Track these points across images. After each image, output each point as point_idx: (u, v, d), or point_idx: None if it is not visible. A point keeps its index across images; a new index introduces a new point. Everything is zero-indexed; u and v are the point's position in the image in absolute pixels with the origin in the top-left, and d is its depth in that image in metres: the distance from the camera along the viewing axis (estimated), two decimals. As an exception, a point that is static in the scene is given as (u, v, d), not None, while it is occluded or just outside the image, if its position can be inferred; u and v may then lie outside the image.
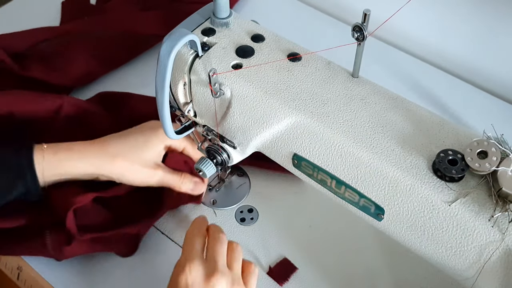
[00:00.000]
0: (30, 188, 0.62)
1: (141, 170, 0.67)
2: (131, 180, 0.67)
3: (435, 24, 0.89)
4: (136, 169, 0.66)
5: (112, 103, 0.80)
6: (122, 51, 0.88)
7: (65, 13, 0.97)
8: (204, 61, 0.58)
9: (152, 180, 0.68)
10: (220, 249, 0.60)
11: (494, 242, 0.46)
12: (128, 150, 0.66)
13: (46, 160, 0.63)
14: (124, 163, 0.66)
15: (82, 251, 0.65)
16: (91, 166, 0.65)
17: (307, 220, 0.72)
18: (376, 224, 0.54)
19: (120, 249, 0.68)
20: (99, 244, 0.66)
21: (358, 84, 0.56)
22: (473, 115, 0.84)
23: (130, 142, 0.67)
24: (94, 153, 0.65)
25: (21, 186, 0.62)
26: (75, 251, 0.65)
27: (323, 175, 0.55)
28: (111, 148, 0.66)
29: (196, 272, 0.57)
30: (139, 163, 0.66)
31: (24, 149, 0.63)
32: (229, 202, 0.73)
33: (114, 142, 0.67)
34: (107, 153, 0.66)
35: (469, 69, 0.90)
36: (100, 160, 0.65)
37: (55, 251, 0.64)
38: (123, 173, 0.66)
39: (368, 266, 0.67)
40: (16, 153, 0.62)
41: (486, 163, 0.47)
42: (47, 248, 0.64)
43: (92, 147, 0.66)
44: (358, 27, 0.51)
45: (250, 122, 0.57)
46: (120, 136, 0.68)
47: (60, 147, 0.65)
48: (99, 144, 0.67)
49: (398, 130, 0.52)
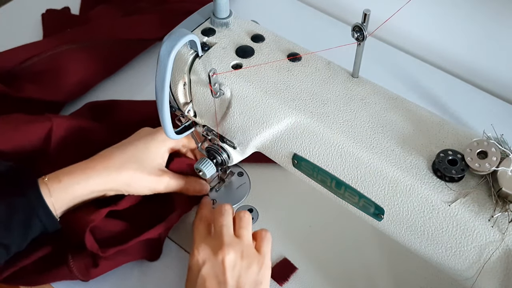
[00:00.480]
0: (46, 223, 0.61)
1: (147, 178, 0.66)
2: (139, 190, 0.67)
3: (435, 24, 0.89)
4: (142, 178, 0.65)
5: (101, 112, 0.80)
6: (112, 59, 0.88)
7: (47, 25, 0.95)
8: (204, 61, 0.58)
9: (159, 187, 0.67)
10: (224, 221, 0.60)
11: (494, 242, 0.46)
12: (131, 160, 0.65)
13: (52, 191, 0.62)
14: (130, 173, 0.65)
15: (108, 268, 0.65)
16: (97, 184, 0.64)
17: (307, 220, 0.72)
18: (376, 224, 0.54)
19: (146, 256, 0.67)
20: (123, 257, 0.66)
21: (358, 84, 0.56)
22: (473, 115, 0.84)
23: (131, 152, 0.66)
24: (97, 170, 0.64)
25: (38, 225, 0.61)
26: (101, 270, 0.64)
27: (323, 175, 0.55)
28: (113, 162, 0.65)
29: (203, 250, 0.58)
30: (144, 172, 0.65)
31: (29, 188, 0.62)
32: (229, 202, 0.73)
33: (115, 155, 0.66)
34: (111, 167, 0.64)
35: (469, 69, 0.89)
36: (105, 177, 0.64)
37: (82, 274, 0.63)
38: (130, 184, 0.65)
39: (368, 266, 0.67)
40: (23, 194, 0.61)
41: (486, 163, 0.47)
42: (73, 273, 0.63)
43: (94, 164, 0.65)
44: (358, 27, 0.51)
45: (250, 122, 0.57)
46: (119, 148, 0.67)
47: (62, 173, 0.64)
48: (100, 160, 0.65)
49: (398, 130, 0.52)
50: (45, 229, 0.62)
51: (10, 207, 0.60)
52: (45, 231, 0.62)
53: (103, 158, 0.66)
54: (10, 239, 0.60)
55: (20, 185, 0.63)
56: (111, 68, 0.88)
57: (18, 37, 0.92)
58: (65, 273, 0.64)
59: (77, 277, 0.64)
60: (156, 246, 0.68)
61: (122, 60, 0.89)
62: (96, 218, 0.64)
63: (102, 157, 0.66)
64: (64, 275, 0.64)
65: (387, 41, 0.95)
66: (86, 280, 0.64)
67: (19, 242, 0.61)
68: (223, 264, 0.57)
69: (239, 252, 0.58)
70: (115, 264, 0.65)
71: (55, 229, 0.63)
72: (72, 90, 0.83)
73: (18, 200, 0.60)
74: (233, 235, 0.59)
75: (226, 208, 0.62)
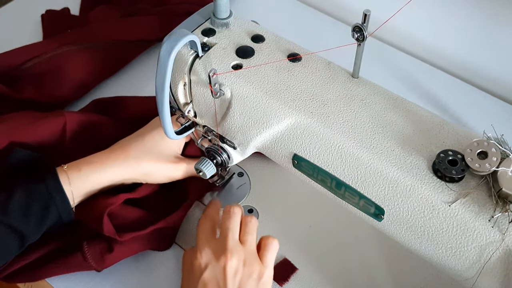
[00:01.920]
0: (62, 212, 0.62)
1: (166, 167, 0.67)
2: (157, 178, 0.68)
3: (435, 25, 0.89)
4: (161, 167, 0.67)
5: (108, 108, 0.80)
6: (113, 60, 0.88)
7: (47, 26, 0.96)
8: (204, 61, 0.58)
9: (177, 174, 0.68)
10: (231, 224, 0.59)
11: (494, 243, 0.46)
12: (150, 150, 0.66)
13: (72, 180, 0.62)
14: (149, 164, 0.66)
15: (123, 255, 0.65)
16: (116, 174, 0.65)
17: (307, 220, 0.72)
18: (376, 224, 0.54)
19: (160, 245, 0.68)
20: (138, 244, 0.66)
21: (358, 84, 0.56)
22: (473, 116, 0.84)
23: (148, 143, 0.67)
24: (116, 160, 0.65)
25: (54, 212, 0.61)
26: (116, 257, 0.65)
27: (323, 176, 0.55)
28: (133, 152, 0.66)
29: (206, 254, 0.58)
30: (162, 160, 0.66)
31: (48, 175, 0.62)
32: (229, 202, 0.73)
33: (134, 146, 0.66)
34: (130, 157, 0.65)
35: (469, 69, 0.89)
36: (125, 166, 0.65)
37: (96, 261, 0.64)
38: (149, 173, 0.66)
39: (368, 266, 0.67)
40: (42, 181, 0.62)
41: (486, 163, 0.47)
42: (88, 261, 0.63)
43: (113, 155, 0.66)
44: (358, 27, 0.51)
45: (250, 123, 0.57)
46: (137, 138, 0.68)
47: (81, 163, 0.64)
48: (119, 151, 0.66)
49: (398, 130, 0.52)
50: (60, 218, 0.62)
51: (29, 193, 0.60)
52: (60, 221, 0.62)
53: (122, 149, 0.66)
54: (27, 227, 0.60)
55: (40, 172, 0.63)
56: (112, 69, 0.88)
57: (17, 38, 0.92)
58: (77, 263, 0.64)
59: (91, 265, 0.63)
60: (170, 235, 0.69)
61: (123, 61, 0.90)
62: (115, 202, 0.65)
63: (121, 148, 0.67)
64: (76, 266, 0.64)
65: (387, 42, 0.95)
66: (100, 269, 0.64)
67: (35, 231, 0.61)
68: (225, 270, 0.56)
69: (241, 259, 0.57)
70: (129, 252, 0.66)
71: (70, 220, 0.63)
72: (72, 91, 0.83)
73: (37, 186, 0.61)
74: (238, 241, 0.59)
75: (235, 211, 0.61)
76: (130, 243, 0.65)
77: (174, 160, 0.68)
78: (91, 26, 0.91)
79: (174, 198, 0.71)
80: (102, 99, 0.82)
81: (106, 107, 0.80)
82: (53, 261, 0.64)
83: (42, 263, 0.64)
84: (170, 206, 0.69)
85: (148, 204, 0.69)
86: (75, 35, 0.88)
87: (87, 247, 0.64)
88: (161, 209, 0.69)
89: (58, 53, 0.84)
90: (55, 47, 0.84)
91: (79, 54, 0.85)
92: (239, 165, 0.76)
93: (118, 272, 0.66)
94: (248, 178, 0.76)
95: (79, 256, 0.64)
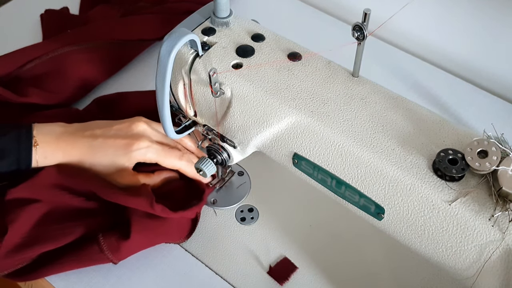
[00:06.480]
0: (21, 155, 0.65)
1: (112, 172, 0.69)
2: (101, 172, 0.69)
3: (435, 24, 0.89)
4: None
5: (109, 105, 0.80)
6: (114, 59, 0.88)
7: (47, 26, 0.95)
8: (204, 60, 0.58)
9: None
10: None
11: (494, 242, 0.46)
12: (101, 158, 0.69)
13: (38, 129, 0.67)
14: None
15: (139, 246, 0.66)
16: None
17: (307, 220, 0.72)
18: (376, 223, 0.54)
19: (180, 235, 0.68)
20: (155, 236, 0.67)
21: (358, 83, 0.56)
22: (473, 115, 0.84)
23: (108, 149, 0.69)
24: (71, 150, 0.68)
25: (14, 152, 0.64)
26: (132, 247, 0.65)
27: (323, 175, 0.55)
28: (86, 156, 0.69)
29: None
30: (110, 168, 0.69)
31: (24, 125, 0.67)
32: (229, 201, 0.73)
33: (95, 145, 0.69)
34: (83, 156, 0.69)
35: (469, 68, 0.89)
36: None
37: (113, 252, 0.63)
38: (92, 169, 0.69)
39: (368, 266, 0.67)
40: (16, 127, 0.66)
41: (486, 162, 0.47)
42: (104, 252, 0.63)
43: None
44: (358, 26, 0.51)
45: (250, 122, 0.57)
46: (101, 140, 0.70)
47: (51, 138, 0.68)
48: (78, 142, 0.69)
49: (398, 129, 0.52)
50: (17, 163, 0.65)
51: None
52: (16, 166, 0.65)
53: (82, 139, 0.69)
54: None
55: None
56: (112, 68, 0.88)
57: (17, 38, 0.92)
58: (93, 255, 0.64)
59: (106, 257, 0.63)
60: (191, 226, 0.69)
61: (123, 60, 0.90)
62: None
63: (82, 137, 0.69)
64: (91, 259, 0.64)
65: (387, 41, 0.95)
66: (116, 261, 0.64)
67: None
68: None
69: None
70: (146, 243, 0.66)
71: (24, 167, 0.65)
72: (74, 91, 0.83)
73: (9, 127, 0.66)
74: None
75: None
76: (147, 234, 0.65)
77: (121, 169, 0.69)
78: (91, 26, 0.90)
79: (192, 191, 0.71)
80: (104, 97, 0.82)
81: (108, 104, 0.81)
82: (66, 255, 0.64)
83: (55, 258, 0.64)
84: (188, 199, 0.70)
85: (171, 196, 0.70)
86: (76, 35, 0.88)
87: (103, 239, 0.64)
88: (183, 201, 0.69)
89: (59, 54, 0.84)
90: (55, 48, 0.84)
91: (80, 54, 0.85)
92: (239, 164, 0.76)
93: (118, 271, 0.67)
94: (248, 177, 0.76)
95: (95, 248, 0.63)
